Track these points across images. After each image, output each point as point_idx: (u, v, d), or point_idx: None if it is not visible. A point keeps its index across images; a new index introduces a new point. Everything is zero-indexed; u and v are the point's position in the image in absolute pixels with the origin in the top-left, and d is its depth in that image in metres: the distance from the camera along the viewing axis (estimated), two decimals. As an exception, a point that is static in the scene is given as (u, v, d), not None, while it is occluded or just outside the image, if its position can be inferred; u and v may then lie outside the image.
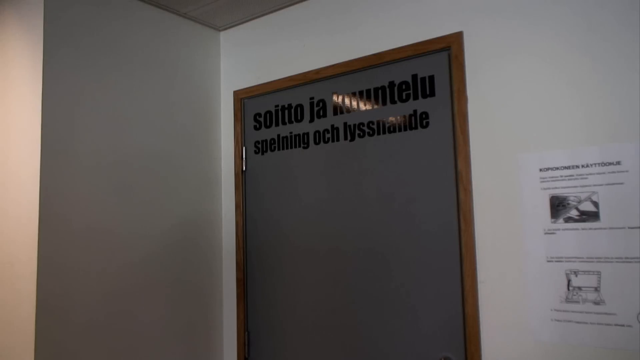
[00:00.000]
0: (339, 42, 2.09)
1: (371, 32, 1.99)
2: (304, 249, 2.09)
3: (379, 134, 1.92)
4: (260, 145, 2.30)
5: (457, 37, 1.75)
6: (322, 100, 2.10)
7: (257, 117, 2.32)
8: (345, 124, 2.02)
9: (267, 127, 2.28)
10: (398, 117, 1.88)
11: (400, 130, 1.87)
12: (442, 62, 1.79)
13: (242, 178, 2.36)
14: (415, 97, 1.85)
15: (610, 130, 1.46)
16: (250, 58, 2.41)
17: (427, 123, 1.81)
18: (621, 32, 1.46)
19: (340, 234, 1.98)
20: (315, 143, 2.10)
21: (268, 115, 2.28)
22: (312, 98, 2.13)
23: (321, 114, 2.09)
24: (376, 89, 1.95)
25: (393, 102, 1.90)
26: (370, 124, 1.94)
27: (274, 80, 2.26)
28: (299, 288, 2.09)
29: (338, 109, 2.05)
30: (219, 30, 2.54)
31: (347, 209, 1.97)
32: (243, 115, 2.39)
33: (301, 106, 2.16)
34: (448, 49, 1.78)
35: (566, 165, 1.52)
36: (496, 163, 1.65)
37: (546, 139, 1.56)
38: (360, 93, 1.99)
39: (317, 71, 2.11)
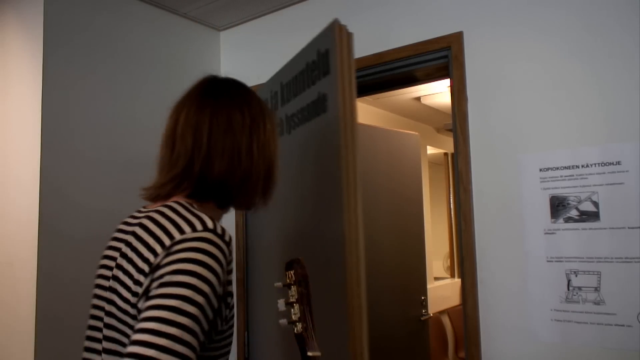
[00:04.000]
0: (339, 42, 2.08)
1: (371, 32, 1.99)
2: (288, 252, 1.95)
3: (302, 123, 1.64)
4: None
5: (457, 37, 1.75)
6: (276, 92, 1.85)
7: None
8: (286, 115, 1.77)
9: None
10: (309, 104, 1.57)
11: (312, 117, 1.55)
12: (331, 32, 1.45)
13: (242, 178, 2.33)
14: (319, 78, 1.51)
15: (610, 130, 1.46)
16: (250, 58, 2.41)
17: (326, 107, 1.45)
18: (620, 33, 1.46)
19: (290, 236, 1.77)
20: None
21: None
22: (271, 91, 1.90)
23: (276, 107, 1.88)
24: (301, 73, 1.63)
25: (308, 86, 1.58)
26: (298, 113, 1.67)
27: (274, 80, 2.26)
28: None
29: (284, 99, 1.80)
30: (219, 30, 2.54)
31: (296, 208, 1.71)
32: (243, 115, 2.37)
33: (267, 100, 2.05)
34: (448, 49, 1.78)
35: (566, 165, 1.52)
36: (496, 163, 1.65)
37: (546, 139, 1.56)
38: (293, 79, 1.71)
39: (317, 71, 2.10)
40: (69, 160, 1.87)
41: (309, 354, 0.85)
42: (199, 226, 0.79)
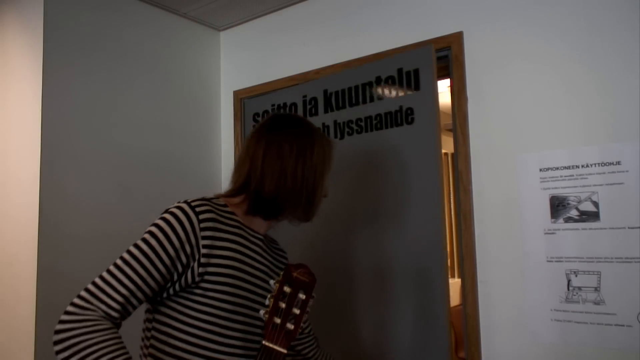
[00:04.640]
0: (339, 41, 2.09)
1: (371, 32, 1.99)
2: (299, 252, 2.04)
3: (366, 131, 1.88)
4: None
5: (457, 37, 1.75)
6: (314, 98, 2.05)
7: (256, 116, 2.32)
8: (335, 121, 1.97)
9: None
10: (384, 114, 1.84)
11: (386, 127, 1.83)
12: (427, 55, 1.74)
13: (242, 178, 2.35)
14: (401, 93, 1.80)
15: (610, 130, 1.46)
16: (250, 58, 2.41)
17: (412, 119, 1.78)
18: (620, 32, 1.46)
19: (332, 242, 1.91)
20: None
21: (265, 114, 2.27)
22: (304, 96, 2.08)
23: (313, 112, 2.05)
24: (366, 84, 1.90)
25: (379, 98, 1.85)
26: (359, 121, 1.89)
27: (274, 80, 2.26)
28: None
29: (332, 106, 2.00)
30: (219, 30, 2.54)
31: (338, 213, 1.89)
32: (243, 115, 2.39)
33: (295, 105, 2.13)
34: (448, 49, 1.78)
35: (566, 165, 1.52)
36: (496, 163, 1.65)
37: (546, 139, 1.56)
38: (349, 89, 1.94)
39: (317, 71, 2.11)
40: (69, 159, 1.87)
41: (264, 342, 0.96)
42: (183, 199, 1.05)
